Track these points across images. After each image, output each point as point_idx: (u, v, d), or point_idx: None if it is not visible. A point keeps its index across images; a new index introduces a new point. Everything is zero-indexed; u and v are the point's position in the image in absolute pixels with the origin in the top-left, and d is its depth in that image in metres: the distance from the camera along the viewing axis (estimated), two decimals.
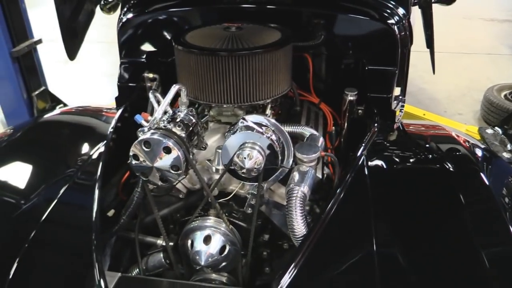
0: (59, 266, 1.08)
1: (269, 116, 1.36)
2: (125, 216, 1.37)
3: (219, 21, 1.56)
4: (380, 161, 1.31)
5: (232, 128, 1.28)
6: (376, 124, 1.42)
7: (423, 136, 1.58)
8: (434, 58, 2.13)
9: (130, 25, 1.71)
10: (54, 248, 1.13)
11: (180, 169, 1.16)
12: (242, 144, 1.20)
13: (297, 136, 1.41)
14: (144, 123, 1.21)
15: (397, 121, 1.56)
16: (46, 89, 3.32)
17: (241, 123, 1.25)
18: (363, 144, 1.32)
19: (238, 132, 1.22)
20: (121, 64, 1.72)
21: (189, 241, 1.27)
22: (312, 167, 1.24)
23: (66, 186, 1.23)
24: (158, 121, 1.20)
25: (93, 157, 1.35)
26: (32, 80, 3.19)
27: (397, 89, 1.65)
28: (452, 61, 5.38)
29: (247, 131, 1.22)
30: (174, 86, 1.26)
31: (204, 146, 1.34)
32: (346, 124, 1.56)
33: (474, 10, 7.50)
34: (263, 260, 1.39)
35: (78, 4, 1.81)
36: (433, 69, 2.20)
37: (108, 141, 1.39)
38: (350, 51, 1.66)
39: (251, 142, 1.20)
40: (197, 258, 1.24)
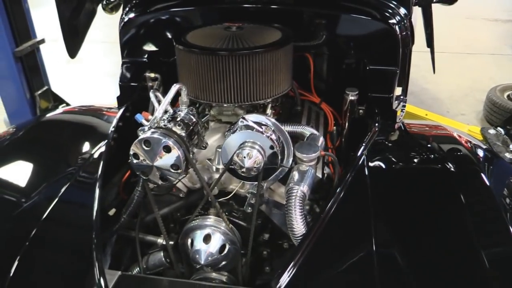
0: (59, 265, 1.08)
1: (269, 116, 1.37)
2: (125, 215, 1.38)
3: (220, 21, 1.56)
4: (381, 161, 1.31)
5: (232, 127, 1.28)
6: (377, 124, 1.42)
7: (424, 136, 1.57)
8: (434, 57, 2.13)
9: (131, 25, 1.71)
10: (55, 246, 1.13)
11: (180, 168, 1.16)
12: (242, 144, 1.20)
13: (298, 135, 1.41)
14: (145, 122, 1.22)
15: (398, 121, 1.56)
16: (48, 89, 3.33)
17: (241, 123, 1.25)
18: (364, 143, 1.32)
19: (238, 132, 1.22)
20: (123, 64, 1.73)
21: (189, 240, 1.28)
22: (312, 166, 1.24)
23: (67, 185, 1.23)
24: (158, 120, 1.20)
25: (94, 156, 1.35)
26: (35, 79, 3.20)
27: (398, 89, 1.65)
28: (455, 61, 5.37)
29: (247, 131, 1.22)
30: (175, 86, 1.26)
31: (205, 146, 1.34)
32: (347, 124, 1.55)
33: (478, 10, 7.47)
34: (263, 260, 1.39)
35: (79, 2, 1.81)
36: (433, 68, 2.19)
37: (109, 140, 1.40)
38: (351, 51, 1.66)
39: (250, 141, 1.20)
40: (197, 257, 1.24)
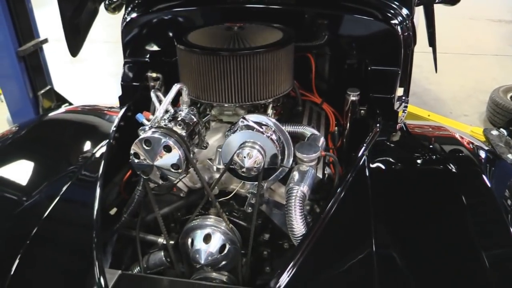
0: (59, 264, 1.09)
1: (270, 116, 1.37)
2: (126, 215, 1.38)
3: (222, 21, 1.56)
4: (382, 162, 1.30)
5: (233, 127, 1.28)
6: (378, 125, 1.42)
7: (426, 137, 1.56)
8: (436, 56, 2.12)
9: (134, 24, 1.71)
10: (55, 245, 1.13)
11: (181, 168, 1.17)
12: (242, 143, 1.20)
13: (298, 136, 1.40)
14: (146, 122, 1.22)
15: (400, 121, 1.55)
16: (51, 88, 3.34)
17: (241, 123, 1.25)
18: (365, 144, 1.31)
19: (238, 131, 1.22)
20: (125, 64, 1.73)
21: (189, 240, 1.28)
22: (312, 166, 1.24)
23: (68, 184, 1.24)
24: (159, 120, 1.20)
25: (95, 156, 1.35)
26: (38, 79, 3.21)
27: (400, 90, 1.64)
28: (458, 62, 5.35)
29: (247, 130, 1.22)
30: (176, 85, 1.27)
31: (205, 145, 1.34)
32: (348, 124, 1.55)
33: (481, 11, 7.44)
34: (263, 260, 1.39)
35: (81, 1, 1.81)
36: (435, 67, 2.18)
37: (111, 140, 1.40)
38: (353, 51, 1.66)
39: (251, 141, 1.20)
40: (197, 256, 1.24)
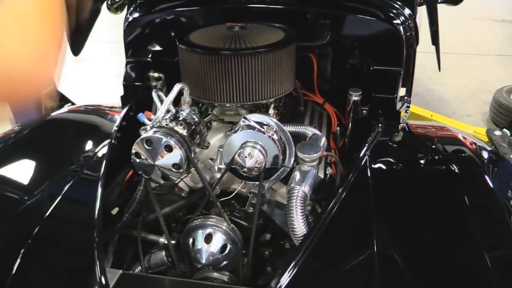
0: (61, 263, 1.09)
1: (272, 116, 1.36)
2: (127, 214, 1.38)
3: (224, 21, 1.56)
4: (384, 162, 1.30)
5: (234, 127, 1.28)
6: (380, 125, 1.41)
7: (428, 137, 1.56)
8: (439, 55, 2.11)
9: (136, 24, 1.71)
10: (57, 244, 1.13)
11: (182, 167, 1.17)
12: (243, 143, 1.20)
13: (300, 135, 1.40)
14: (147, 122, 1.22)
15: (402, 122, 1.55)
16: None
17: (242, 122, 1.25)
18: (367, 144, 1.31)
19: (240, 131, 1.22)
20: (127, 64, 1.73)
21: (190, 240, 1.28)
22: (314, 166, 1.23)
23: (70, 183, 1.24)
24: (160, 119, 1.20)
25: (97, 155, 1.36)
26: None
27: (402, 90, 1.64)
28: (462, 62, 5.32)
29: (249, 130, 1.21)
30: (177, 85, 1.26)
31: (207, 145, 1.34)
32: (350, 124, 1.55)
33: (485, 11, 7.40)
34: (264, 260, 1.39)
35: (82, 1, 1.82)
36: (438, 66, 2.18)
37: (113, 140, 1.40)
38: (355, 51, 1.65)
39: (252, 141, 1.20)
40: (198, 256, 1.24)
